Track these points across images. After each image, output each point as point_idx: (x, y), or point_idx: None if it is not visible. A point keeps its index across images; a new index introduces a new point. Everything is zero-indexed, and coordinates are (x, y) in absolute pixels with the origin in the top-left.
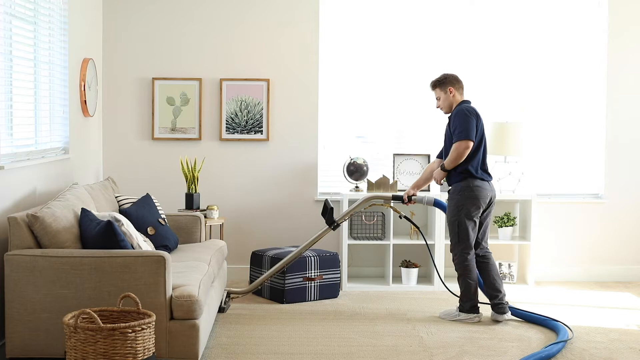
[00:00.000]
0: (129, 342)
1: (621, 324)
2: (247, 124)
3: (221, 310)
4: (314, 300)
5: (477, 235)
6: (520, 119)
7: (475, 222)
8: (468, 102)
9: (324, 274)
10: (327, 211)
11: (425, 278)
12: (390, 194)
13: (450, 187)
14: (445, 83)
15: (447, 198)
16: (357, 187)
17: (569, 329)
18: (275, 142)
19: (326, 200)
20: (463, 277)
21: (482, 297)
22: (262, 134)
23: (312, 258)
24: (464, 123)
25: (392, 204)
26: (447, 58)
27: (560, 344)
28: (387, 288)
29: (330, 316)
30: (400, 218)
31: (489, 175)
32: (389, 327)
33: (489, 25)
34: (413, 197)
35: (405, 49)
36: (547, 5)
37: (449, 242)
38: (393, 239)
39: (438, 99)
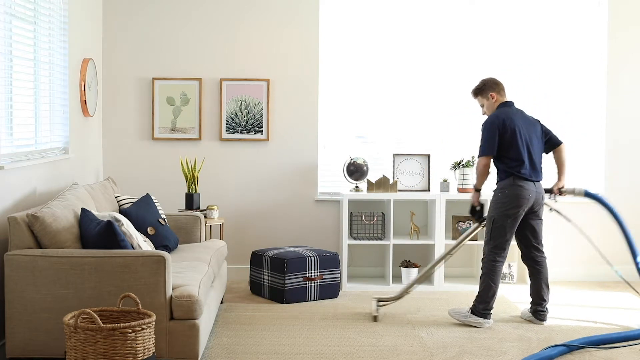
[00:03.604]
0: (129, 342)
1: (621, 324)
2: (247, 124)
3: (374, 319)
4: (314, 300)
5: (532, 238)
6: None
7: (512, 222)
8: (508, 103)
9: (324, 274)
10: (477, 209)
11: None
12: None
13: (497, 184)
14: (485, 90)
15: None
16: (357, 187)
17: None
18: (275, 142)
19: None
20: (486, 277)
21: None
22: (262, 134)
23: (312, 258)
24: (482, 137)
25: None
26: (447, 58)
27: (561, 347)
28: (387, 288)
29: (330, 316)
30: (550, 211)
31: (538, 174)
32: (389, 327)
33: (488, 25)
34: (562, 190)
35: (405, 48)
36: (547, 5)
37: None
38: (393, 239)
39: (482, 106)
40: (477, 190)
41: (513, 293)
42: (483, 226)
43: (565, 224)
